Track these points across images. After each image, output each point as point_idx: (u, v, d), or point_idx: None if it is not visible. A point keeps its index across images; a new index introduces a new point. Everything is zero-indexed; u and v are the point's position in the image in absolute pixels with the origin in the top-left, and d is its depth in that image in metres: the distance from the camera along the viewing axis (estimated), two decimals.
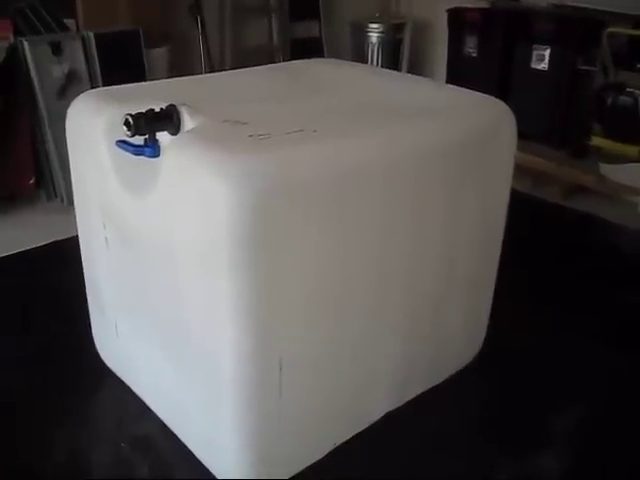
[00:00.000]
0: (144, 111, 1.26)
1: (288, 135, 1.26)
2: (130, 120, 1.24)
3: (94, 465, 1.56)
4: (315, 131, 1.30)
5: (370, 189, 1.31)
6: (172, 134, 1.28)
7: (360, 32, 4.54)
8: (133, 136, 1.26)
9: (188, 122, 1.28)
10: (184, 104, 1.30)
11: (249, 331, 1.22)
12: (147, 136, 1.27)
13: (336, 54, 4.41)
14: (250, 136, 1.24)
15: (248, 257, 1.16)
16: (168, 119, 1.28)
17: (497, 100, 1.62)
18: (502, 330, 1.87)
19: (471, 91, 1.65)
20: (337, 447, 1.53)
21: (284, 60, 4.17)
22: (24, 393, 1.76)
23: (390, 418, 1.62)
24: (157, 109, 1.28)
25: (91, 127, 1.46)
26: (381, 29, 4.47)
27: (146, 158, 1.28)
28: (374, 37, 4.48)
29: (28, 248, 2.48)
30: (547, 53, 3.71)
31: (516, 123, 1.58)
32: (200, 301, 1.26)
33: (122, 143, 1.31)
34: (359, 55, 4.51)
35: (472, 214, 1.58)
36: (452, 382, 1.76)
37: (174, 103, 1.29)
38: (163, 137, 1.28)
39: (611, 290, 2.27)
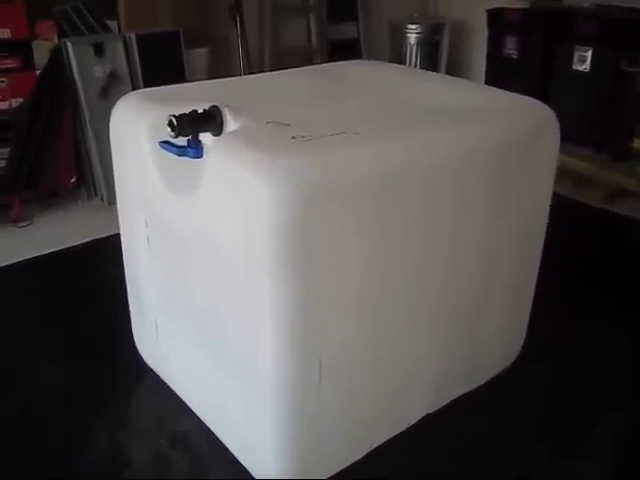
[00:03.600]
0: (187, 112, 1.27)
1: (331, 137, 1.26)
2: (174, 121, 1.25)
3: (132, 461, 1.57)
4: (357, 133, 1.30)
5: (412, 191, 1.31)
6: (215, 135, 1.29)
7: (398, 33, 4.51)
8: (177, 137, 1.27)
9: (231, 123, 1.29)
10: (227, 105, 1.31)
11: (289, 331, 1.22)
12: (190, 137, 1.28)
13: (374, 55, 4.39)
14: (293, 138, 1.24)
15: (290, 258, 1.16)
16: (211, 120, 1.29)
17: (540, 103, 1.60)
18: (541, 334, 1.84)
19: (513, 93, 1.63)
20: (374, 449, 1.52)
21: (322, 61, 4.16)
22: (65, 390, 1.79)
23: (428, 421, 1.61)
24: (200, 110, 1.29)
25: (135, 128, 1.48)
26: (419, 30, 4.44)
27: (189, 159, 1.29)
28: (412, 38, 4.45)
29: (69, 246, 2.52)
30: (589, 54, 3.65)
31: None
32: (241, 302, 1.27)
33: (165, 144, 1.33)
34: (397, 56, 4.48)
35: (513, 217, 1.57)
36: (490, 385, 1.75)
37: (217, 104, 1.30)
38: (206, 138, 1.29)
39: None
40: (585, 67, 3.68)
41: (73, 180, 3.02)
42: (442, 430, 1.60)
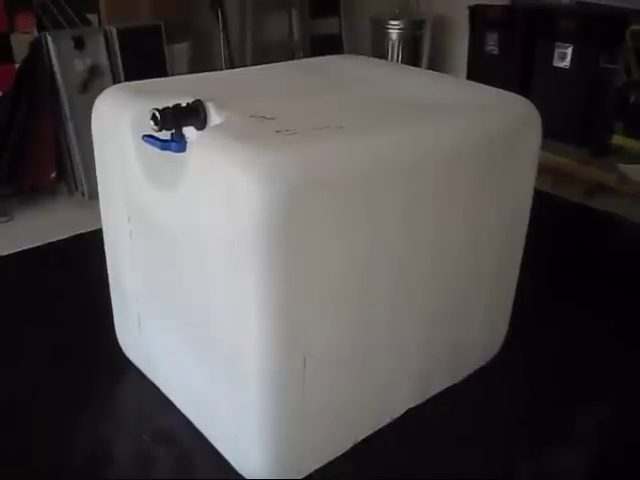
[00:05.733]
0: (171, 106, 1.27)
1: (315, 131, 1.26)
2: (157, 115, 1.24)
3: (115, 458, 1.57)
4: (341, 127, 1.30)
5: (396, 185, 1.31)
6: (198, 129, 1.29)
7: (380, 29, 4.51)
8: (160, 131, 1.26)
9: (214, 117, 1.29)
10: (210, 99, 1.30)
11: (274, 327, 1.22)
12: (174, 131, 1.27)
13: (356, 51, 4.39)
14: (277, 132, 1.24)
15: (274, 253, 1.16)
16: (195, 114, 1.29)
17: (523, 98, 1.61)
18: (523, 328, 1.86)
19: (496, 89, 1.64)
20: (357, 443, 1.53)
21: (304, 56, 4.16)
22: (47, 384, 1.77)
23: (411, 415, 1.62)
24: (184, 104, 1.29)
25: (117, 122, 1.47)
26: (401, 26, 4.44)
27: (172, 153, 1.28)
28: (394, 34, 4.46)
29: (50, 241, 2.49)
30: (569, 51, 3.68)
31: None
32: (226, 296, 1.27)
33: (149, 137, 1.32)
34: (379, 52, 4.48)
35: (496, 211, 1.58)
36: (473, 379, 1.76)
37: (200, 98, 1.30)
38: (189, 132, 1.28)
39: (631, 289, 2.26)
40: (565, 64, 3.72)
41: (53, 175, 2.99)
42: (425, 423, 1.61)
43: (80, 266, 2.24)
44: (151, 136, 1.31)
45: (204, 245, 1.28)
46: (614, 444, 1.63)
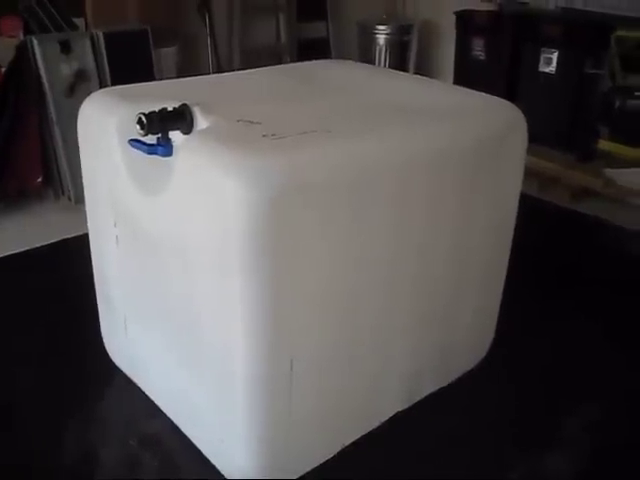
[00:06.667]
0: (157, 110, 1.26)
1: (302, 135, 1.26)
2: (143, 119, 1.24)
3: (102, 462, 1.56)
4: (329, 132, 1.30)
5: (383, 190, 1.31)
6: (185, 133, 1.28)
7: (367, 33, 4.53)
8: (146, 135, 1.26)
9: (201, 121, 1.28)
10: (197, 103, 1.30)
11: (260, 331, 1.22)
12: (160, 135, 1.27)
13: (343, 55, 4.40)
14: (264, 136, 1.24)
15: (260, 257, 1.16)
16: (181, 118, 1.28)
17: (509, 103, 1.62)
18: (510, 332, 1.87)
19: (483, 93, 1.65)
20: (346, 447, 1.53)
21: (291, 60, 4.17)
22: (33, 390, 1.76)
23: (399, 418, 1.62)
24: (170, 108, 1.28)
25: (103, 126, 1.46)
26: (388, 31, 4.46)
27: (159, 157, 1.28)
28: (381, 38, 4.47)
29: (36, 246, 2.48)
30: (555, 56, 3.70)
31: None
32: (212, 300, 1.26)
33: (135, 142, 1.31)
34: (366, 56, 4.50)
35: (483, 215, 1.58)
36: (461, 383, 1.76)
37: (187, 102, 1.30)
38: (176, 136, 1.28)
39: (617, 292, 2.27)
40: (551, 69, 3.74)
41: (39, 179, 2.97)
42: (413, 426, 1.61)
43: (66, 271, 2.22)
44: (137, 140, 1.30)
45: (190, 249, 1.27)
46: (603, 445, 1.64)
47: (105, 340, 1.81)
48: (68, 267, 2.22)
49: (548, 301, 2.19)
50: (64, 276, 2.21)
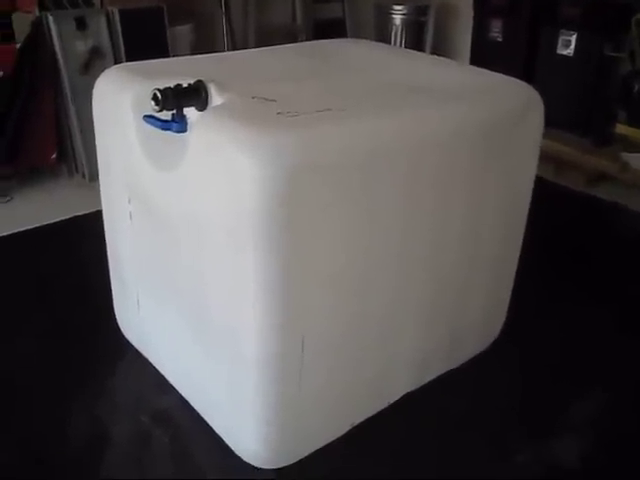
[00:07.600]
0: (172, 86, 1.26)
1: (317, 113, 1.25)
2: (158, 95, 1.23)
3: (113, 438, 1.57)
4: (344, 110, 1.29)
5: (397, 169, 1.30)
6: (200, 110, 1.28)
7: (384, 14, 4.49)
8: (161, 111, 1.25)
9: (216, 98, 1.28)
10: (212, 80, 1.29)
11: (273, 308, 1.22)
12: (175, 111, 1.27)
13: (359, 35, 4.37)
14: (279, 113, 1.23)
15: (274, 234, 1.15)
16: (196, 94, 1.28)
17: (525, 84, 1.60)
18: (522, 315, 1.86)
19: (499, 74, 1.63)
20: (354, 427, 1.53)
21: (307, 40, 4.14)
22: (46, 366, 1.78)
23: (408, 400, 1.63)
24: (185, 84, 1.28)
25: (118, 102, 1.46)
26: (405, 11, 4.43)
27: (173, 133, 1.27)
28: (398, 19, 4.44)
29: (50, 222, 2.49)
30: (573, 38, 3.66)
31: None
32: (225, 277, 1.26)
33: (149, 118, 1.31)
34: (382, 37, 4.47)
35: (496, 197, 1.57)
36: (472, 364, 1.76)
37: (202, 79, 1.29)
38: (191, 113, 1.27)
39: (631, 278, 2.26)
40: (569, 51, 3.70)
41: (54, 156, 2.99)
42: (422, 408, 1.62)
43: (80, 247, 2.23)
44: (152, 116, 1.30)
45: (204, 226, 1.27)
46: (611, 432, 1.63)
47: (118, 316, 1.82)
48: (82, 243, 2.23)
49: (561, 285, 2.18)
50: (77, 252, 2.22)
